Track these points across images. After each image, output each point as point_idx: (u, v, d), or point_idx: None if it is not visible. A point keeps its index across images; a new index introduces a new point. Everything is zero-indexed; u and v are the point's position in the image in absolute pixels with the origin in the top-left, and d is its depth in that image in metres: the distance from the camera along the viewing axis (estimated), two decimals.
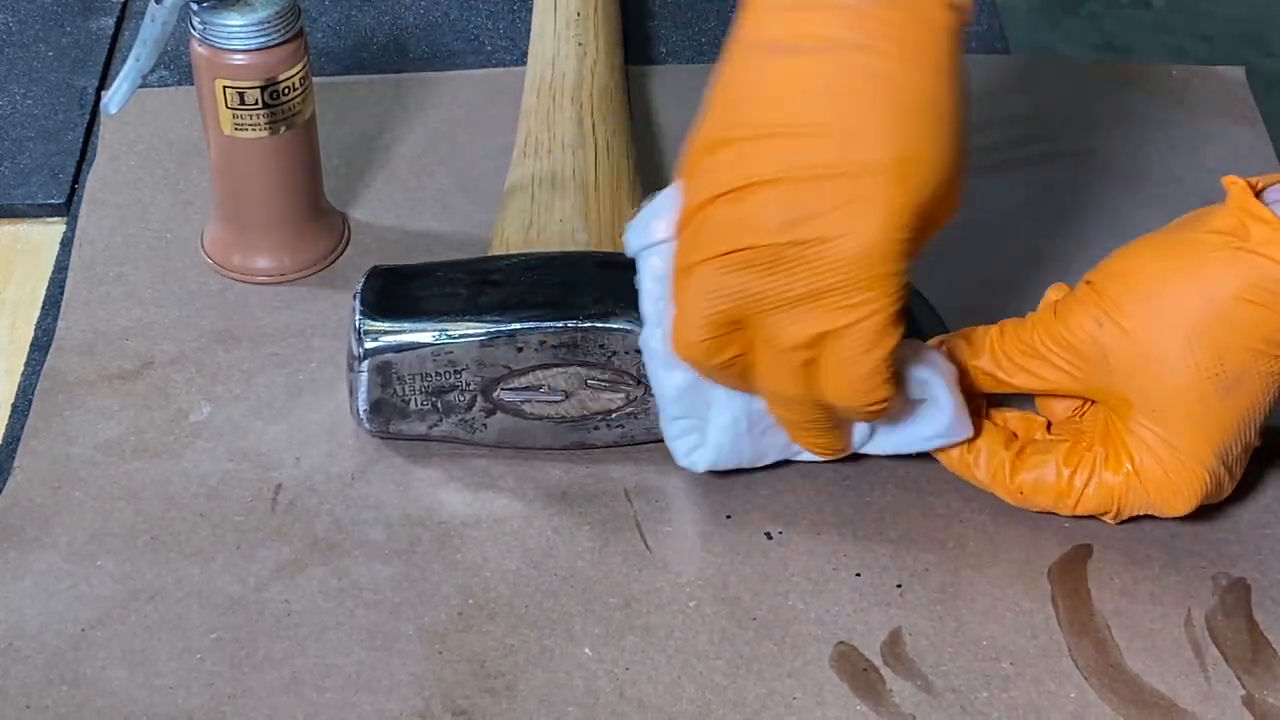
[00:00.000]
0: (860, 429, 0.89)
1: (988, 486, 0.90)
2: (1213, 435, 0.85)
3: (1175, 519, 0.90)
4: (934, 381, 0.87)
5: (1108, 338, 0.85)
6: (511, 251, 1.00)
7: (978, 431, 0.90)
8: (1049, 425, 0.91)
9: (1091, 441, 0.88)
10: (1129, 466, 0.86)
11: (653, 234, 0.85)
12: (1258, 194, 0.84)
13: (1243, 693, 0.85)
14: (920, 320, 0.94)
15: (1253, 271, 0.82)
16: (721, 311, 0.81)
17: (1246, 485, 0.92)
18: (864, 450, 0.90)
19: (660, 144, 1.13)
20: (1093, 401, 0.90)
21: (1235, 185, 0.84)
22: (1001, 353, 0.88)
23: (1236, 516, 0.92)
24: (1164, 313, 0.84)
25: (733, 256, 0.80)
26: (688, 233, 0.82)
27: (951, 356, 0.89)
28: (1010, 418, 0.91)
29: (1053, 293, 0.91)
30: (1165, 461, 0.86)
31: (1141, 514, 0.89)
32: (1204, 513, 0.91)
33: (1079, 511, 0.89)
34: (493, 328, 0.90)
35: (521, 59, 1.20)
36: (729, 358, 0.83)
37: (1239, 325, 0.83)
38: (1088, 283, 0.87)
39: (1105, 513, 0.89)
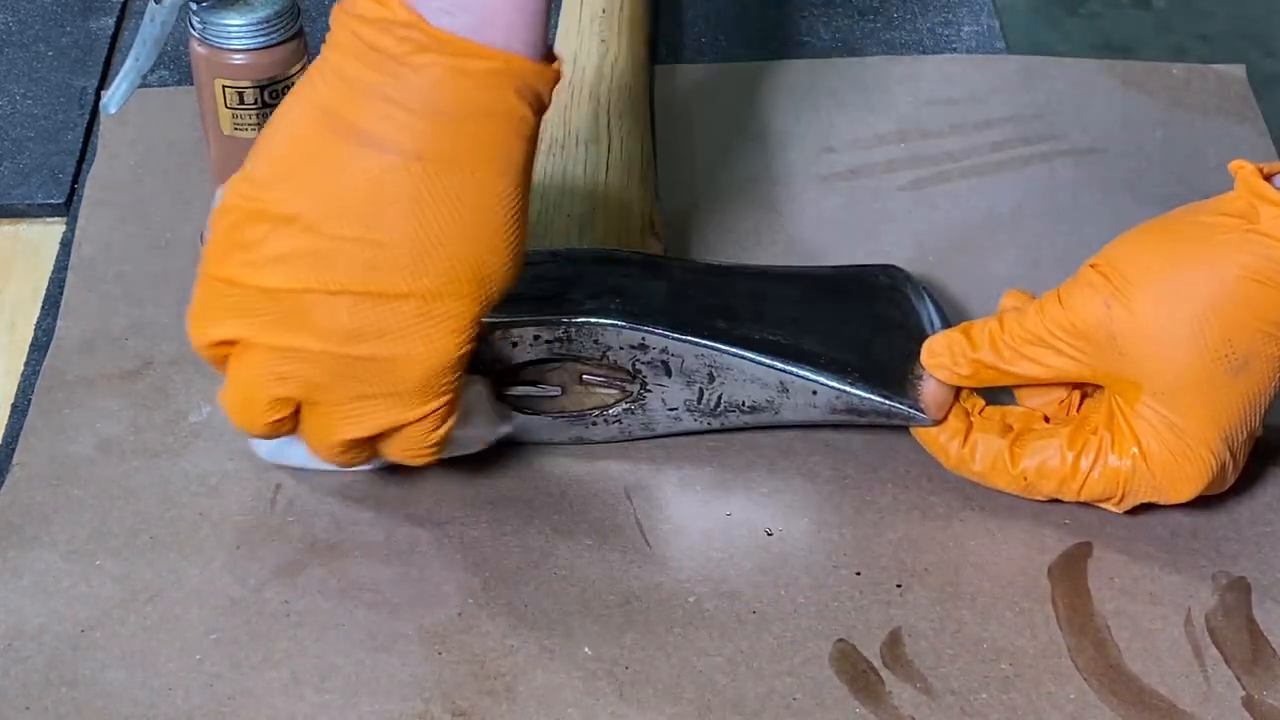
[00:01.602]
0: None
1: (988, 479, 0.90)
2: (1220, 418, 0.85)
3: (1176, 514, 0.90)
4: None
5: (1116, 321, 0.85)
6: None
7: (970, 425, 0.90)
8: (1046, 419, 0.91)
9: (1096, 425, 0.88)
10: (1135, 450, 0.86)
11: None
12: (1266, 179, 0.84)
13: (1242, 694, 0.85)
14: (922, 315, 0.94)
15: (1262, 253, 0.83)
16: (282, 398, 0.83)
17: (1247, 484, 0.92)
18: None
19: (683, 141, 1.13)
20: (1083, 396, 0.90)
21: (1244, 169, 0.85)
22: (1003, 343, 0.88)
23: (1237, 515, 0.92)
24: (1173, 295, 0.84)
25: (297, 352, 0.81)
26: (249, 299, 0.82)
27: (951, 351, 0.89)
28: (1010, 411, 0.91)
29: (1009, 300, 0.91)
30: (1171, 445, 0.86)
31: (1145, 501, 0.88)
32: (1204, 510, 0.91)
33: (1084, 497, 0.89)
34: (486, 322, 0.90)
35: None
36: (285, 421, 0.85)
37: (1248, 307, 0.83)
38: (1092, 266, 0.87)
39: (1109, 498, 0.89)
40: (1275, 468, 0.94)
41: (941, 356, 0.89)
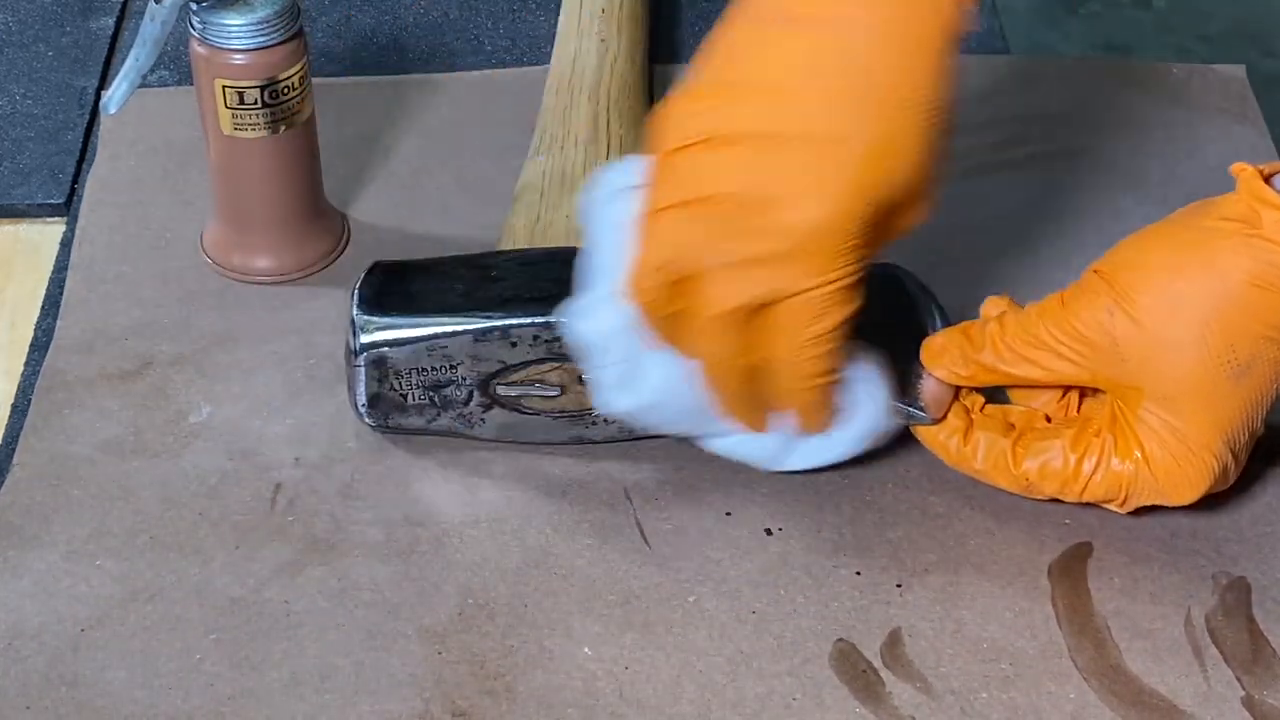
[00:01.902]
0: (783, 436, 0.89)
1: (989, 476, 0.90)
2: (1222, 422, 0.85)
3: (1176, 515, 0.90)
4: (863, 382, 0.88)
5: (1118, 326, 0.85)
6: (518, 246, 1.00)
7: (971, 422, 0.90)
8: (1048, 418, 0.91)
9: (1099, 428, 0.88)
10: (1138, 454, 0.86)
11: (614, 185, 0.85)
12: (1267, 180, 0.84)
13: (1242, 694, 0.85)
14: (922, 313, 0.94)
15: (1264, 257, 0.83)
16: (673, 261, 0.80)
17: (1247, 484, 0.92)
18: (788, 465, 0.90)
19: None
20: (1081, 395, 0.90)
21: (1245, 172, 0.84)
22: (1004, 345, 0.88)
23: (1237, 515, 0.92)
24: (1176, 300, 0.84)
25: (692, 207, 0.79)
26: (655, 178, 0.81)
27: (951, 351, 0.89)
28: (1011, 409, 0.91)
29: (990, 307, 0.91)
30: (1174, 449, 0.85)
31: (1148, 504, 0.88)
32: (1205, 511, 0.91)
33: (1086, 498, 0.89)
34: (486, 323, 0.90)
35: (521, 59, 1.20)
36: (675, 309, 0.82)
37: (1251, 311, 0.83)
38: (1095, 272, 0.87)
39: (1111, 500, 0.89)
40: (1275, 468, 0.94)
41: (942, 357, 0.89)
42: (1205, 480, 0.86)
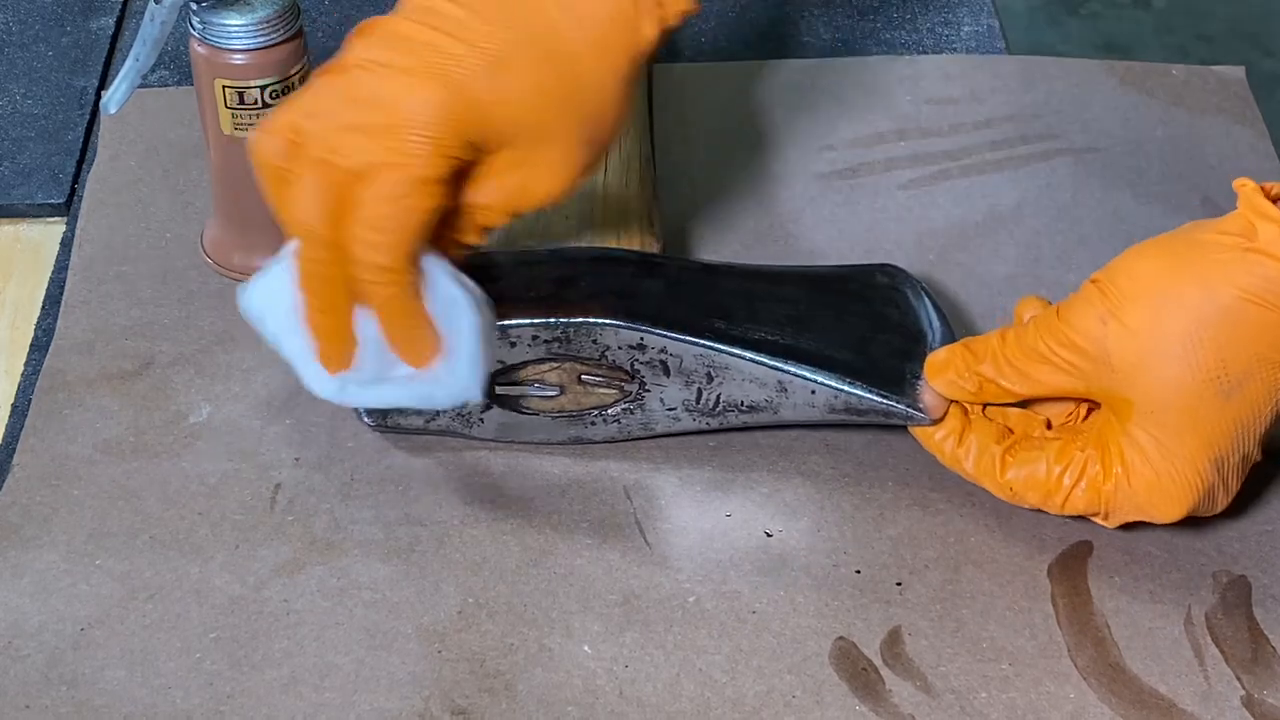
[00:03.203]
0: (370, 356, 0.87)
1: (978, 481, 0.90)
2: (1208, 440, 0.84)
3: None
4: (459, 303, 0.86)
5: (1111, 337, 0.84)
6: (516, 247, 1.00)
7: (967, 424, 0.90)
8: (1049, 423, 0.91)
9: (1086, 442, 0.87)
10: (1119, 468, 0.86)
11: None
12: (1272, 199, 0.84)
13: (1242, 693, 0.84)
14: (920, 314, 0.94)
15: (1260, 272, 0.82)
16: (298, 120, 0.83)
17: (1247, 483, 0.92)
18: (354, 391, 0.88)
19: (680, 140, 1.13)
20: (1091, 407, 0.90)
21: (1245, 187, 0.84)
22: (1004, 359, 0.88)
23: (1238, 514, 0.92)
24: (1168, 311, 0.83)
25: (331, 78, 0.83)
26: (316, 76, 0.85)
27: (955, 365, 0.89)
28: (1010, 414, 0.91)
29: (1024, 308, 0.91)
30: (1156, 463, 0.85)
31: (1131, 520, 0.88)
32: None
33: (1067, 511, 0.88)
34: None
35: None
36: (285, 165, 0.83)
37: (1245, 328, 0.82)
38: (1093, 281, 0.86)
39: (1095, 514, 0.89)
40: (1276, 468, 0.94)
41: (945, 370, 0.89)
42: (1187, 498, 0.86)
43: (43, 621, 0.87)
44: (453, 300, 0.85)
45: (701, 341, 0.90)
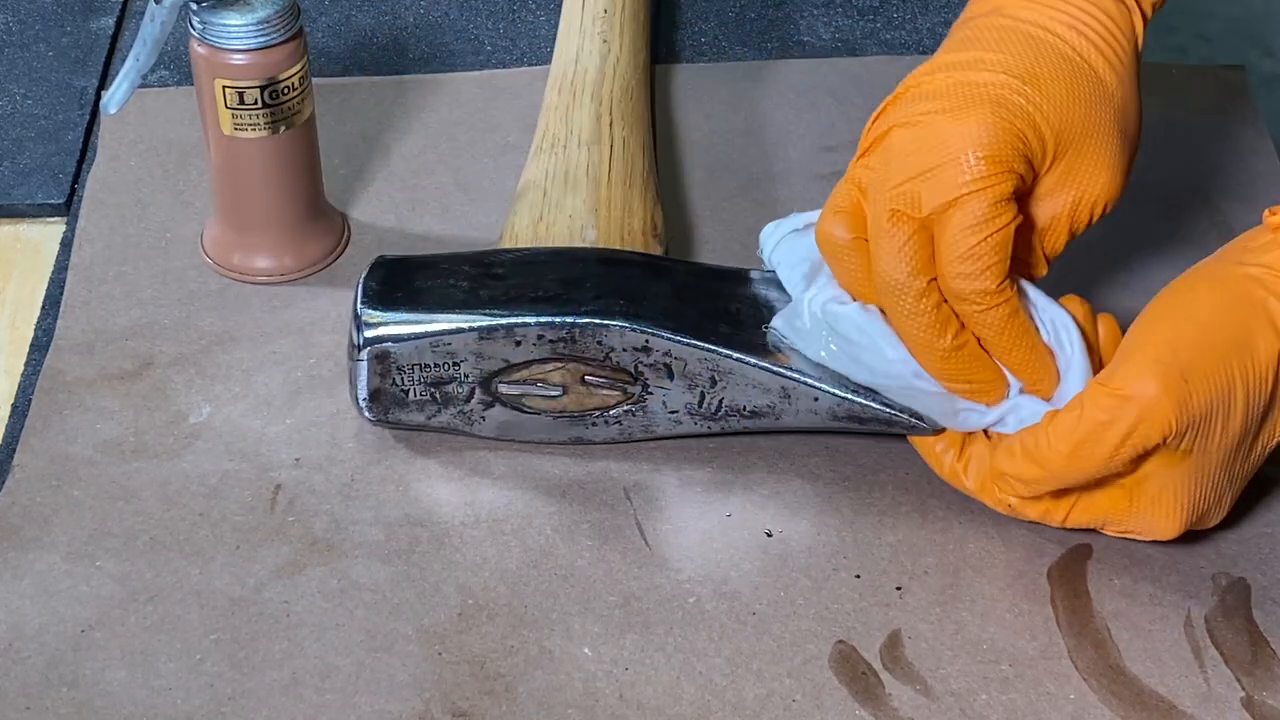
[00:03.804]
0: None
1: (977, 496, 0.90)
2: (1231, 465, 0.85)
3: None
4: (1063, 321, 0.88)
5: (1194, 395, 0.82)
6: (520, 246, 1.00)
7: (967, 438, 0.90)
8: None
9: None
10: (1132, 492, 0.86)
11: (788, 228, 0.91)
12: None
13: (1242, 694, 0.85)
14: None
15: None
16: (850, 193, 0.88)
17: (1247, 485, 0.92)
18: (1001, 423, 0.89)
19: (681, 142, 1.13)
20: None
21: (1276, 216, 0.84)
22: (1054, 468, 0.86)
23: (1237, 516, 0.91)
24: (1234, 365, 0.82)
25: (872, 153, 0.88)
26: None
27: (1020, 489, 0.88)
28: None
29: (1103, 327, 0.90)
30: (1178, 492, 0.85)
31: (1129, 534, 0.88)
32: None
33: (1068, 525, 0.88)
34: (490, 321, 0.90)
35: (521, 59, 1.20)
36: (853, 237, 0.88)
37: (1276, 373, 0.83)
38: (1148, 347, 0.83)
39: (1094, 527, 0.89)
40: (1276, 467, 0.93)
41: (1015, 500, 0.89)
42: (1185, 521, 0.86)
43: (43, 623, 0.87)
44: (1056, 318, 0.88)
45: (707, 346, 0.90)
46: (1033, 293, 0.88)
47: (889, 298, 0.86)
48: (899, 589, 0.88)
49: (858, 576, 0.89)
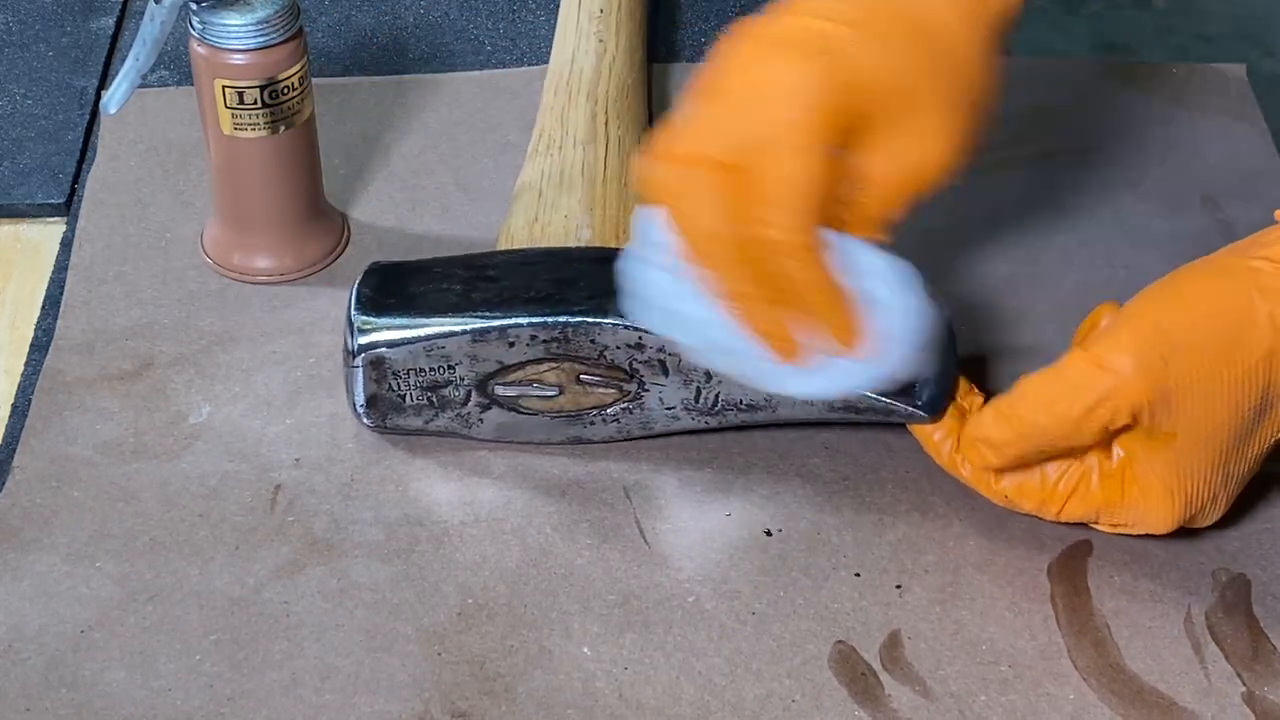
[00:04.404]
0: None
1: (974, 485, 0.89)
2: (1226, 458, 0.84)
3: None
4: (892, 277, 0.86)
5: (1173, 375, 0.82)
6: (516, 247, 1.00)
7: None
8: None
9: (1083, 452, 0.87)
10: (1126, 483, 0.86)
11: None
12: None
13: (1243, 690, 0.85)
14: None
15: None
16: (680, 136, 0.84)
17: (1245, 485, 0.92)
18: (792, 387, 0.88)
19: None
20: None
21: None
22: (1026, 430, 0.85)
23: (1237, 512, 0.91)
24: (1224, 350, 0.81)
25: (711, 100, 0.84)
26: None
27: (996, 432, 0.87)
28: None
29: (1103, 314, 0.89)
30: (1169, 481, 0.84)
31: (1124, 528, 0.88)
32: None
33: (1063, 519, 0.88)
34: (483, 323, 0.90)
35: (521, 59, 1.20)
36: (673, 186, 0.84)
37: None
38: (1135, 318, 0.84)
39: (1090, 521, 0.88)
40: (1275, 464, 0.93)
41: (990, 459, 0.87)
42: (1187, 512, 0.85)
43: (43, 624, 0.87)
44: (883, 274, 0.86)
45: None
46: (857, 247, 0.86)
47: (699, 244, 0.84)
48: (899, 587, 0.88)
49: (858, 575, 0.89)
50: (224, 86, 0.98)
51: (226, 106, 0.99)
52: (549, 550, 0.90)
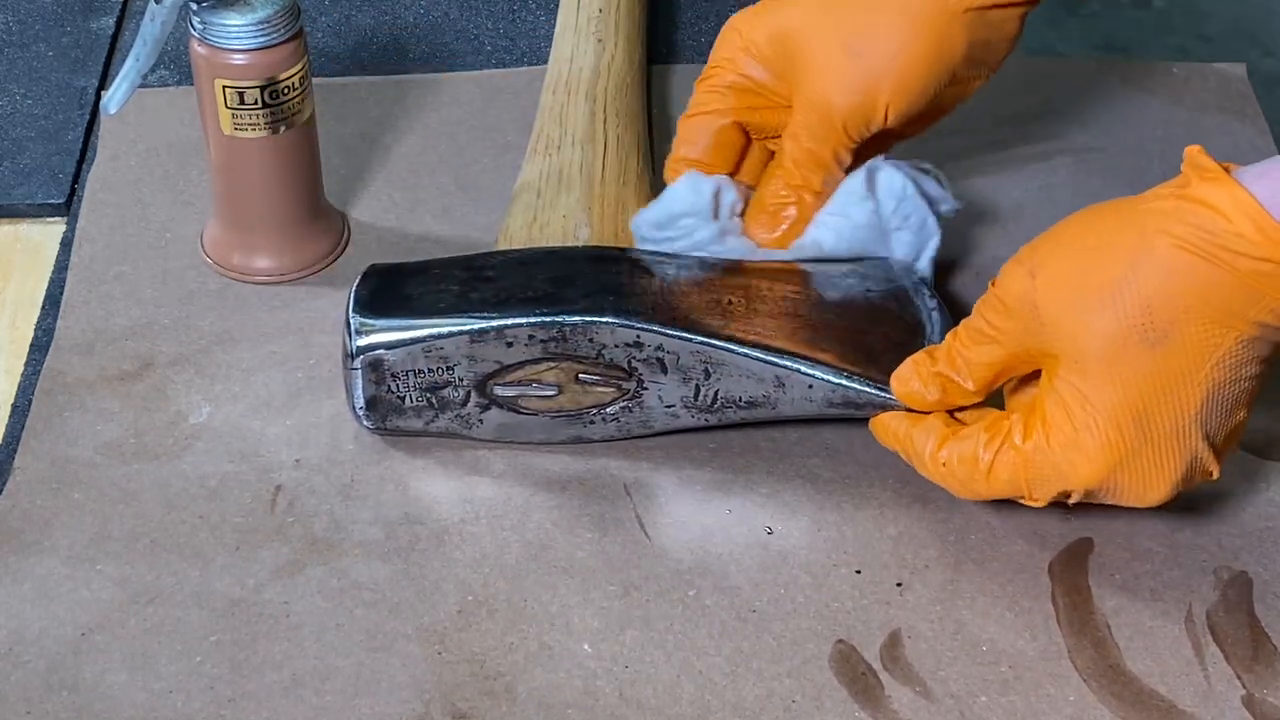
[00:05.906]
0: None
1: (914, 464, 0.89)
2: (1131, 393, 0.82)
3: (1177, 509, 0.89)
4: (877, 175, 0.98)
5: (1039, 290, 0.83)
6: (514, 247, 1.00)
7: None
8: None
9: (1013, 409, 0.86)
10: (1040, 428, 0.84)
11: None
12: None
13: (1243, 692, 0.84)
14: (919, 307, 0.94)
15: (1192, 220, 0.80)
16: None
17: (1247, 478, 0.92)
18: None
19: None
20: None
21: (1191, 149, 0.82)
22: (955, 353, 0.87)
23: (1238, 510, 0.92)
24: (1094, 258, 0.82)
25: None
26: None
27: (917, 373, 0.88)
28: (985, 413, 0.89)
29: None
30: (1077, 417, 0.83)
31: (1056, 492, 0.85)
32: (1206, 506, 0.91)
33: (993, 488, 0.86)
34: (482, 323, 0.90)
35: (521, 59, 1.20)
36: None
37: (1174, 277, 0.80)
38: (1029, 246, 0.85)
39: (1018, 492, 0.86)
40: (1275, 463, 0.94)
41: (910, 382, 0.88)
42: (1105, 456, 0.83)
43: (44, 627, 0.87)
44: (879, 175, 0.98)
45: (698, 338, 0.90)
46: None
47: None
48: (899, 585, 0.88)
49: (858, 572, 0.89)
50: (224, 86, 0.98)
51: (227, 106, 0.99)
52: (549, 544, 0.90)
